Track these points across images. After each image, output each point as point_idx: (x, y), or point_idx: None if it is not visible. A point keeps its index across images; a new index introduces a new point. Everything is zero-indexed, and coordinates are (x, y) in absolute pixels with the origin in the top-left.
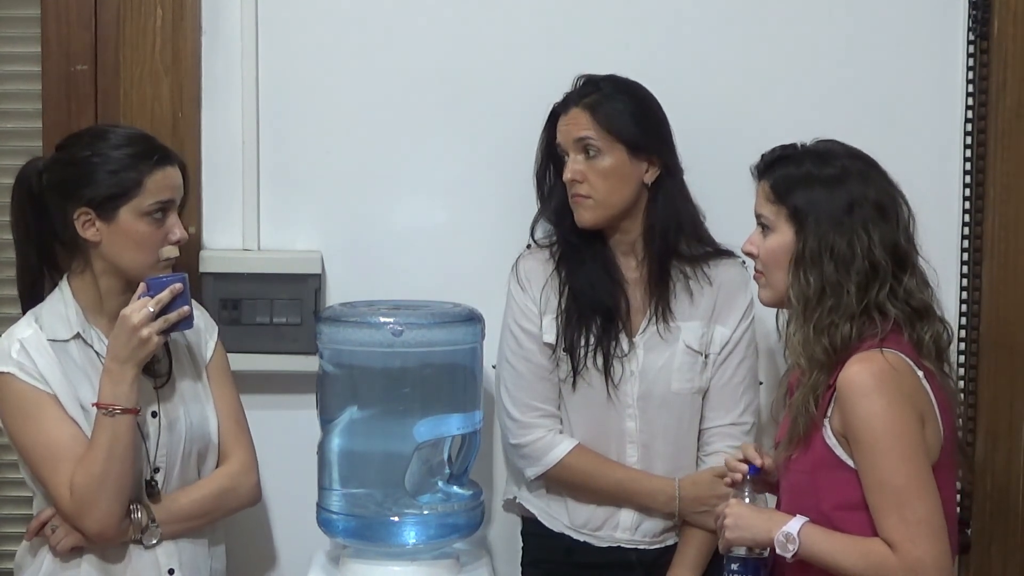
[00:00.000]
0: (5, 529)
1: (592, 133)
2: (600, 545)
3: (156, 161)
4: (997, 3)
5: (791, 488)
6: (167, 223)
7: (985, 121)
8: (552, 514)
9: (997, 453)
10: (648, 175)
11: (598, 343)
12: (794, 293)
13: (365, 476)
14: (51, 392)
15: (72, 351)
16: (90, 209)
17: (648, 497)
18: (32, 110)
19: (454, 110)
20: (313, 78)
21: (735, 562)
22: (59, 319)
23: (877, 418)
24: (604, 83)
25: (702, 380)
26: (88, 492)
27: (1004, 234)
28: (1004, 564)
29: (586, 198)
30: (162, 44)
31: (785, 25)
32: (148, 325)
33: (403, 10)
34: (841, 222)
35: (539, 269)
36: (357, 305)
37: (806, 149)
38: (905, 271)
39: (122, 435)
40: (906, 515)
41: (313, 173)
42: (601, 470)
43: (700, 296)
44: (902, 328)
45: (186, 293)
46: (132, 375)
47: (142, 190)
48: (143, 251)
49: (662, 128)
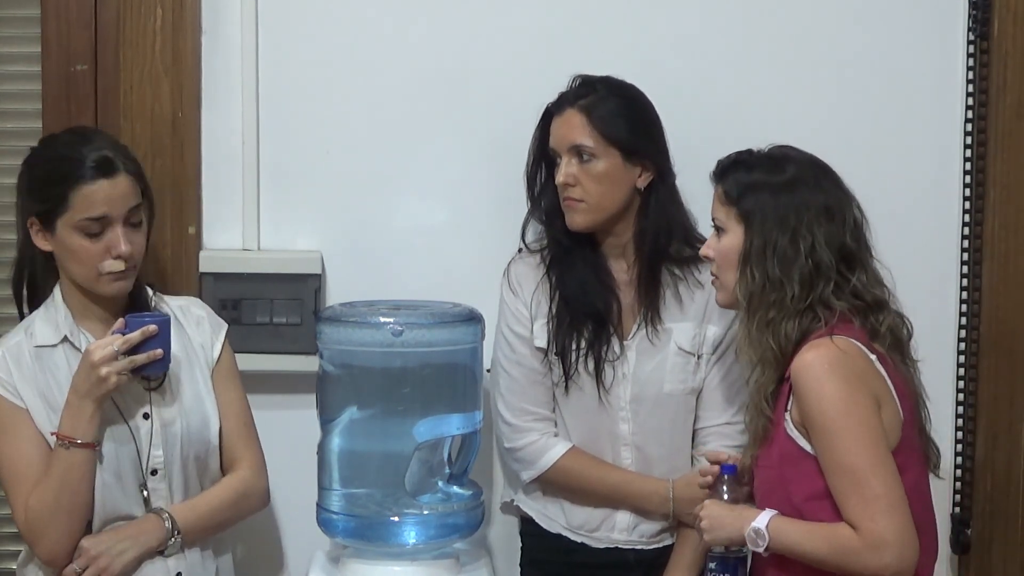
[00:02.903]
0: (5, 529)
1: (587, 137)
2: (598, 546)
3: (87, 174)
4: (997, 3)
5: (762, 485)
6: (107, 237)
7: (985, 121)
8: (549, 516)
9: (997, 453)
10: (641, 180)
11: (589, 348)
12: (740, 290)
13: (365, 476)
14: (24, 407)
15: (58, 357)
16: (36, 219)
17: (642, 499)
18: (32, 110)
19: (454, 110)
20: (313, 78)
21: (713, 561)
22: (49, 324)
23: (829, 401)
24: (600, 84)
25: (695, 381)
26: (40, 519)
27: (1004, 234)
28: (1004, 564)
29: (579, 202)
30: (162, 44)
31: (785, 25)
32: (109, 364)
33: (403, 11)
34: (785, 222)
35: (530, 274)
36: (357, 305)
37: (761, 155)
38: (854, 270)
39: (76, 467)
40: (864, 494)
41: (313, 173)
42: (595, 473)
43: (691, 298)
44: (853, 318)
45: (163, 336)
46: (91, 410)
47: (68, 206)
48: (82, 264)
49: (656, 132)
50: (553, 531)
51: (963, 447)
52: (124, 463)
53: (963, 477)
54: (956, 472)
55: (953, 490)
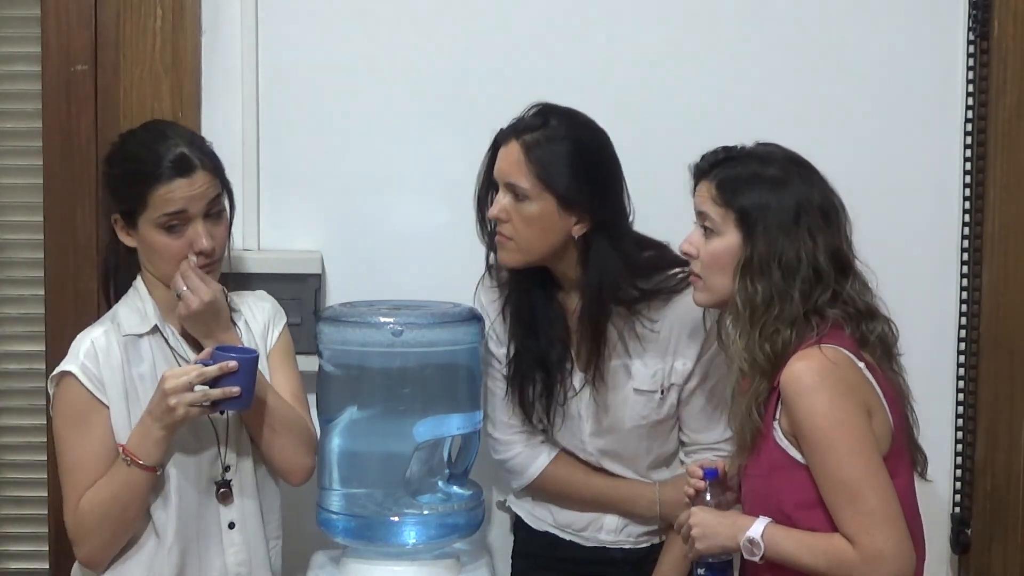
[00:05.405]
0: (5, 529)
1: (523, 177)
2: (586, 544)
3: (165, 174)
4: (997, 3)
5: (751, 493)
6: (188, 232)
7: (985, 121)
8: (538, 516)
9: (997, 453)
10: (577, 228)
11: (538, 398)
12: (740, 299)
13: (365, 476)
14: (105, 403)
15: (144, 348)
16: (119, 216)
17: (630, 503)
18: (32, 110)
19: (454, 110)
20: (313, 78)
21: (702, 567)
22: (136, 313)
23: (821, 414)
24: (556, 119)
25: (660, 413)
26: (87, 523)
27: (1004, 234)
28: (1004, 564)
29: (508, 239)
30: (162, 44)
31: (785, 25)
32: (180, 394)
33: (403, 10)
34: (789, 230)
35: (492, 304)
36: (357, 305)
37: (749, 151)
38: (847, 277)
39: (134, 485)
40: (860, 507)
41: (313, 173)
42: (582, 480)
43: (648, 336)
44: (843, 325)
45: (244, 374)
46: (159, 435)
47: (147, 205)
48: (166, 262)
49: (602, 181)
50: (541, 529)
51: (963, 447)
52: (204, 462)
53: (963, 477)
54: (956, 472)
55: (953, 490)
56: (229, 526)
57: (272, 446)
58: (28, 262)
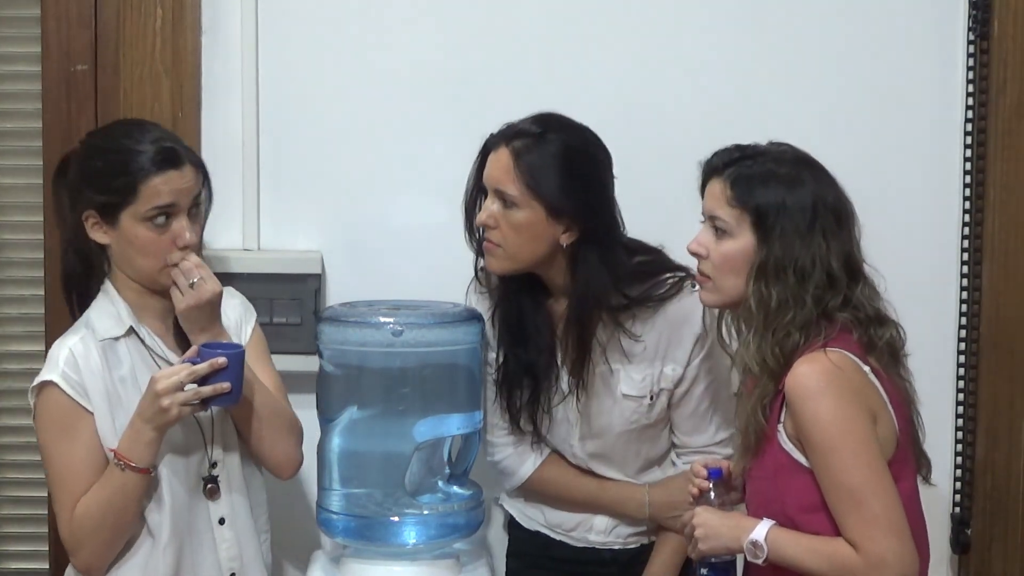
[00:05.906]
0: (5, 529)
1: (511, 184)
2: (576, 544)
3: (156, 165)
4: (997, 3)
5: (756, 495)
6: (172, 227)
7: (985, 121)
8: (529, 516)
9: (997, 453)
10: (565, 237)
11: (527, 402)
12: (754, 302)
13: (365, 476)
14: (89, 410)
15: (122, 351)
16: (95, 212)
17: (619, 504)
18: (32, 110)
19: (454, 110)
20: (313, 78)
21: (704, 567)
22: (110, 317)
23: (826, 419)
24: (545, 126)
25: (649, 418)
26: (82, 530)
27: (1004, 234)
28: (1004, 564)
29: (496, 246)
30: (162, 44)
31: (784, 25)
32: (172, 395)
33: (403, 10)
34: (805, 235)
35: (482, 309)
36: (357, 305)
37: (762, 149)
38: (858, 282)
39: (128, 489)
40: (864, 514)
41: (313, 173)
42: (572, 482)
43: (637, 342)
44: (851, 330)
45: (233, 370)
46: (150, 436)
47: (137, 196)
48: (148, 257)
49: (592, 190)
50: (533, 529)
51: (963, 447)
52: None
53: (963, 477)
54: (956, 472)
55: (953, 490)
56: (220, 522)
57: (263, 440)
58: (28, 262)
